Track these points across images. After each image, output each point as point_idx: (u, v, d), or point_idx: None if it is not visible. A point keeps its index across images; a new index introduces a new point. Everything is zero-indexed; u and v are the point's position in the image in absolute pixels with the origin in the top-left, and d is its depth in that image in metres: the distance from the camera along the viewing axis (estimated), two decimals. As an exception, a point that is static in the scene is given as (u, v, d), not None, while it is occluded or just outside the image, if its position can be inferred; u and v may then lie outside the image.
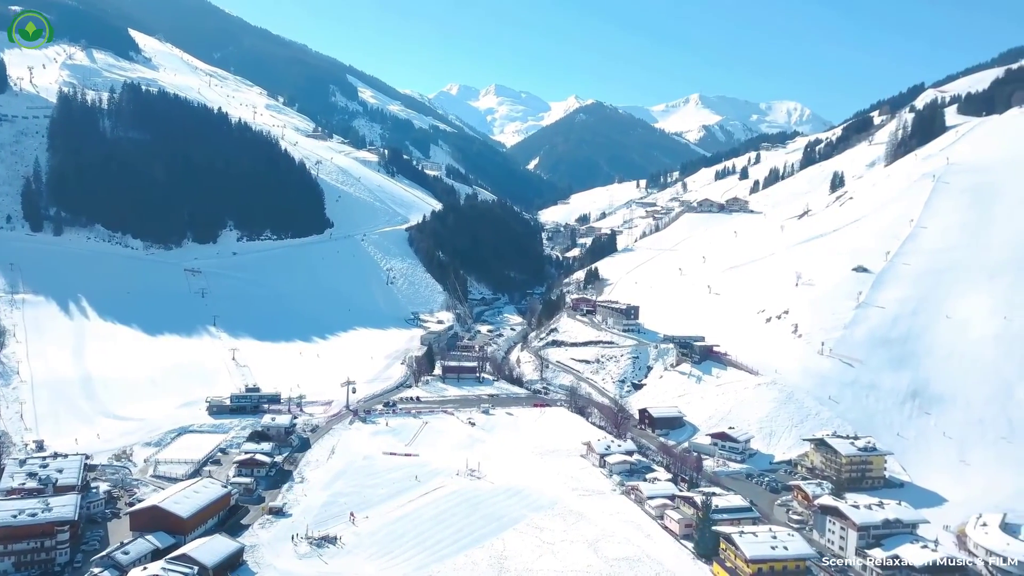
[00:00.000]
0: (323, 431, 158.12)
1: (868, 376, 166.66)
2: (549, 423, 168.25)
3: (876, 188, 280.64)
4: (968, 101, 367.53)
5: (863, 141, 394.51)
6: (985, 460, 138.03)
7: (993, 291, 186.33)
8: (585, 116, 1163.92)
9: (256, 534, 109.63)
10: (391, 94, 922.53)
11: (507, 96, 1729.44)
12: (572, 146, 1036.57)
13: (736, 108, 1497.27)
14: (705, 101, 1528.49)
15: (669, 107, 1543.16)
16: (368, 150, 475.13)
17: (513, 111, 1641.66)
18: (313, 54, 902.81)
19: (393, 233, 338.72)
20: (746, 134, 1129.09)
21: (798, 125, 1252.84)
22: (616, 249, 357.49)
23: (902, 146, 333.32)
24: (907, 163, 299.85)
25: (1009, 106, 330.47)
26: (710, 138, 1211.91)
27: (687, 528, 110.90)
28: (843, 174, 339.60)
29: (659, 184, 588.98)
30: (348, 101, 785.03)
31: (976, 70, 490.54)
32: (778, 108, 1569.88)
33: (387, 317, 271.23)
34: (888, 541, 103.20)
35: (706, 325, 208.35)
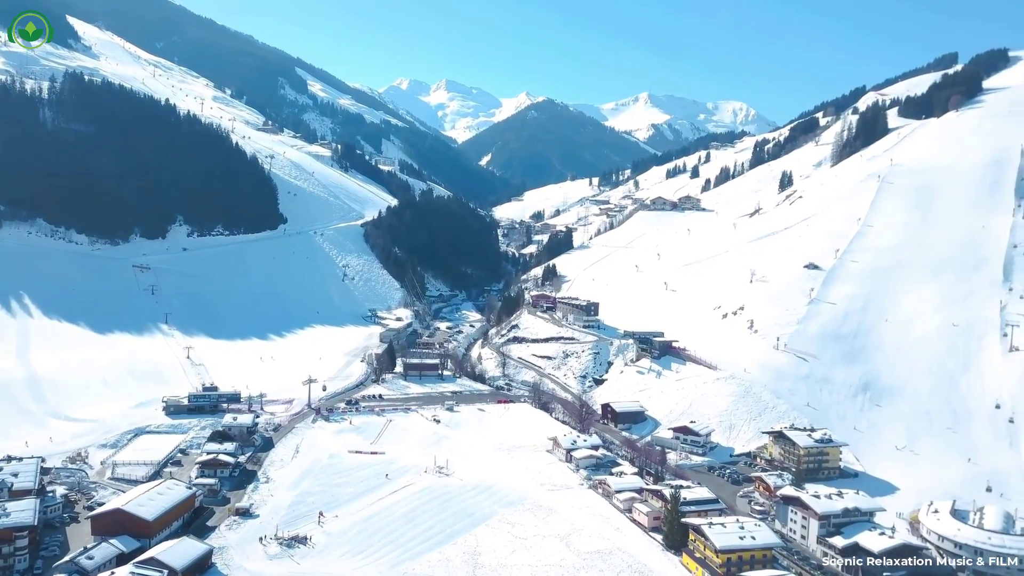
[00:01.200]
0: (286, 430, 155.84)
1: (822, 370, 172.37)
2: (514, 419, 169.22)
3: (825, 188, 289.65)
4: (908, 104, 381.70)
5: (810, 142, 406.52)
6: (933, 450, 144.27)
7: (936, 288, 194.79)
8: (537, 113, 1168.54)
9: (224, 536, 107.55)
10: (341, 88, 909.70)
11: (458, 92, 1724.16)
12: (524, 143, 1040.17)
13: (684, 107, 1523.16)
14: (654, 100, 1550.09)
15: (619, 105, 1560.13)
16: (320, 144, 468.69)
17: (464, 107, 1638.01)
18: (260, 46, 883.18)
19: (348, 229, 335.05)
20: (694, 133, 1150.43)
21: (744, 125, 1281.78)
22: (572, 246, 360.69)
23: (847, 147, 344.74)
24: (853, 163, 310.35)
25: (946, 110, 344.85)
26: (659, 137, 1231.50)
27: (655, 521, 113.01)
28: (791, 173, 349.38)
29: (612, 182, 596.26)
30: (298, 94, 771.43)
31: (913, 74, 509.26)
32: (724, 108, 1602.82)
33: (344, 314, 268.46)
34: (847, 529, 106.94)
35: (664, 321, 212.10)
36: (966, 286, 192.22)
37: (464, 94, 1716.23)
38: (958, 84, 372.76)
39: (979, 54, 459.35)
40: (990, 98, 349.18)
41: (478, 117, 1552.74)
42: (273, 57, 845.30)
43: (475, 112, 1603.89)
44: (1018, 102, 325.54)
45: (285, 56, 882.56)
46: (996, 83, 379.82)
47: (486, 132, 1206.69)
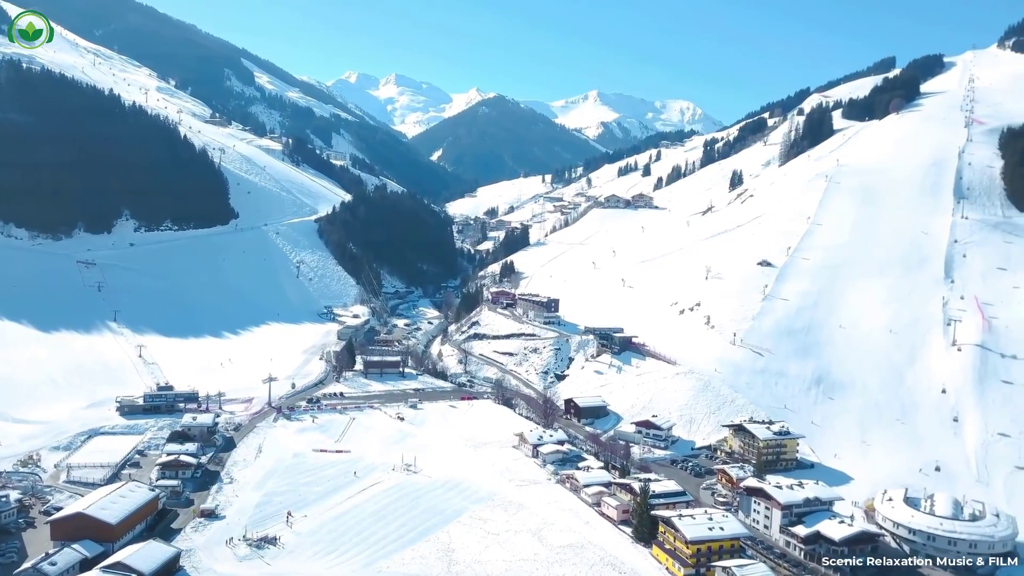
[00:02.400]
0: (247, 429, 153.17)
1: (777, 364, 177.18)
2: (478, 415, 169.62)
3: (775, 187, 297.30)
4: (850, 106, 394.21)
5: (758, 142, 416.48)
6: (883, 440, 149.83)
7: (883, 285, 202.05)
8: (488, 109, 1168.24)
9: (190, 538, 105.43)
10: (289, 80, 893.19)
11: (408, 86, 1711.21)
12: (475, 139, 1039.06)
13: (633, 106, 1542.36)
14: (603, 98, 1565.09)
15: (569, 103, 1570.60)
16: (270, 138, 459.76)
17: (414, 101, 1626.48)
18: (204, 35, 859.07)
19: (302, 224, 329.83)
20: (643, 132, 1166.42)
21: (691, 124, 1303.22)
22: (529, 243, 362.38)
23: (795, 147, 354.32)
24: (800, 163, 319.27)
25: (887, 112, 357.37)
26: (608, 135, 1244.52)
27: (624, 514, 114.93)
28: (742, 173, 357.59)
29: (564, 179, 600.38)
30: (244, 86, 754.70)
31: (854, 77, 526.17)
32: (672, 107, 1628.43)
33: (299, 311, 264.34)
34: (809, 518, 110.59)
35: (622, 317, 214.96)
36: (910, 283, 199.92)
37: (414, 88, 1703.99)
38: (898, 88, 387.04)
39: (916, 59, 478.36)
40: (928, 102, 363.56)
41: (428, 112, 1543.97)
42: (218, 47, 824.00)
43: (425, 107, 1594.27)
44: (953, 107, 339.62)
45: (230, 47, 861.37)
46: (932, 87, 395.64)
47: (437, 127, 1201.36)
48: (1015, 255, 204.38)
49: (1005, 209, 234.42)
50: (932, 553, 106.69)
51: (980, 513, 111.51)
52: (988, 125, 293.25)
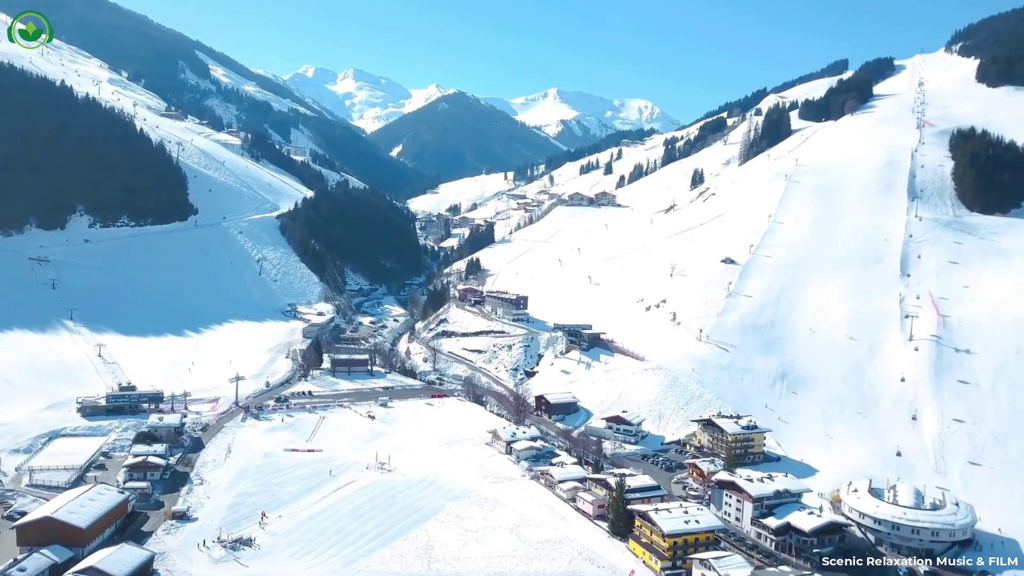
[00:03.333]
0: (215, 430, 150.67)
1: (742, 360, 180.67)
2: (449, 413, 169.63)
3: (736, 186, 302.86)
4: (807, 107, 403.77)
5: (718, 141, 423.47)
6: (845, 433, 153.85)
7: (842, 281, 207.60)
8: (448, 105, 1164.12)
9: (163, 541, 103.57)
10: (245, 74, 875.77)
11: (366, 81, 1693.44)
12: (436, 135, 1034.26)
13: (592, 104, 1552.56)
14: (563, 96, 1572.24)
15: (529, 100, 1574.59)
16: (229, 133, 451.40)
17: (373, 97, 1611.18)
18: (156, 26, 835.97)
19: (263, 221, 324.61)
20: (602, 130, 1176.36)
21: (649, 123, 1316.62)
22: (494, 240, 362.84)
23: (754, 146, 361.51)
24: (760, 163, 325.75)
25: (842, 113, 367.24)
26: (568, 133, 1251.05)
27: (600, 509, 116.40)
28: (703, 171, 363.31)
29: (526, 177, 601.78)
30: (199, 79, 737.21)
31: (809, 79, 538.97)
32: (631, 105, 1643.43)
33: (263, 309, 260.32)
34: (779, 510, 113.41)
35: (590, 314, 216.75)
36: (868, 280, 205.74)
37: (373, 84, 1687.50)
38: (852, 90, 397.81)
39: (868, 61, 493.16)
40: (880, 103, 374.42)
41: (387, 108, 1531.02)
42: (171, 39, 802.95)
43: (384, 102, 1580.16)
44: (905, 108, 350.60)
45: (183, 38, 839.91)
46: (884, 89, 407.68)
47: (396, 123, 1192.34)
48: (966, 254, 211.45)
49: (956, 209, 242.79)
50: (896, 541, 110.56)
51: (940, 502, 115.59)
52: (939, 127, 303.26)
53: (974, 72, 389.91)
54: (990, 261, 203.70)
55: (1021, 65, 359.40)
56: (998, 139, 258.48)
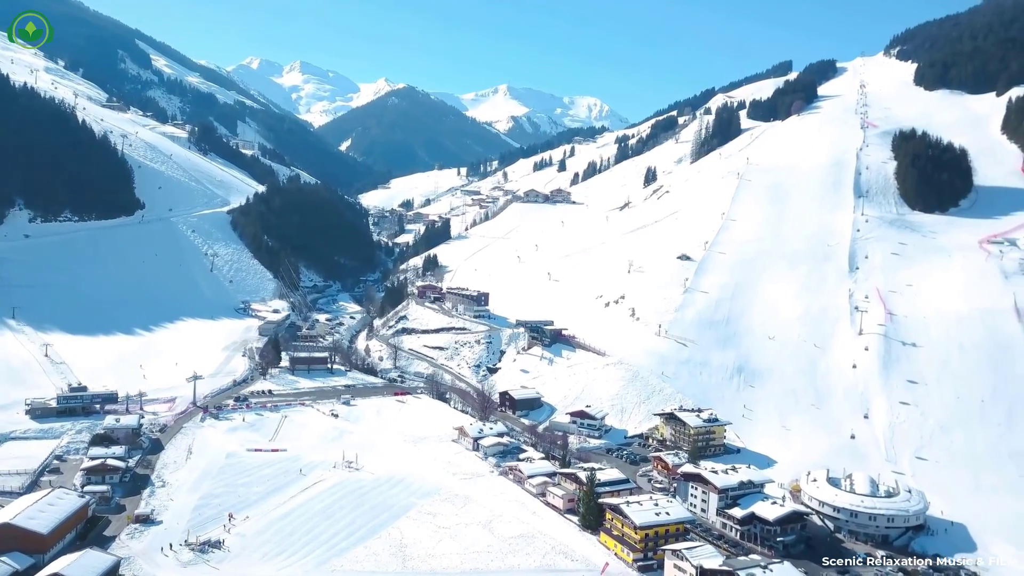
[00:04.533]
0: (173, 430, 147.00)
1: (700, 355, 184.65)
2: (413, 411, 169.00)
3: (689, 184, 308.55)
4: (755, 107, 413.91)
5: (670, 139, 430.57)
6: (801, 425, 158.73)
7: (794, 277, 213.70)
8: (398, 100, 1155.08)
9: (127, 545, 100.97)
10: (187, 64, 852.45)
11: (313, 74, 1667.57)
12: (386, 129, 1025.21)
13: (542, 101, 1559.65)
14: (513, 92, 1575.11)
15: (479, 96, 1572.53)
16: (175, 125, 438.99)
17: (320, 90, 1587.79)
18: (93, 14, 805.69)
19: (214, 216, 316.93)
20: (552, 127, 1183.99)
21: (598, 120, 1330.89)
22: (451, 236, 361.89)
23: (705, 145, 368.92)
24: (712, 161, 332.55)
25: (789, 114, 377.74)
26: (519, 129, 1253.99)
27: (570, 503, 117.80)
28: (655, 169, 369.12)
29: (480, 173, 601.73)
30: (141, 69, 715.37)
31: (755, 79, 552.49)
32: (580, 103, 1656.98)
33: (216, 307, 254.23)
34: (743, 500, 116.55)
35: (550, 310, 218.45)
36: (819, 276, 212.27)
37: (320, 77, 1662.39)
38: (798, 91, 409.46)
39: (811, 63, 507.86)
40: (825, 104, 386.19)
41: (335, 101, 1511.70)
42: (110, 27, 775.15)
43: (332, 96, 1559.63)
44: (848, 109, 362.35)
45: (122, 27, 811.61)
46: (828, 91, 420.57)
47: (345, 117, 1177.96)
48: (909, 251, 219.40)
49: (899, 207, 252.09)
50: (854, 528, 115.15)
51: (894, 490, 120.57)
52: (881, 128, 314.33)
53: (912, 76, 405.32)
54: (932, 258, 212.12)
55: (956, 70, 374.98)
56: (937, 141, 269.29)
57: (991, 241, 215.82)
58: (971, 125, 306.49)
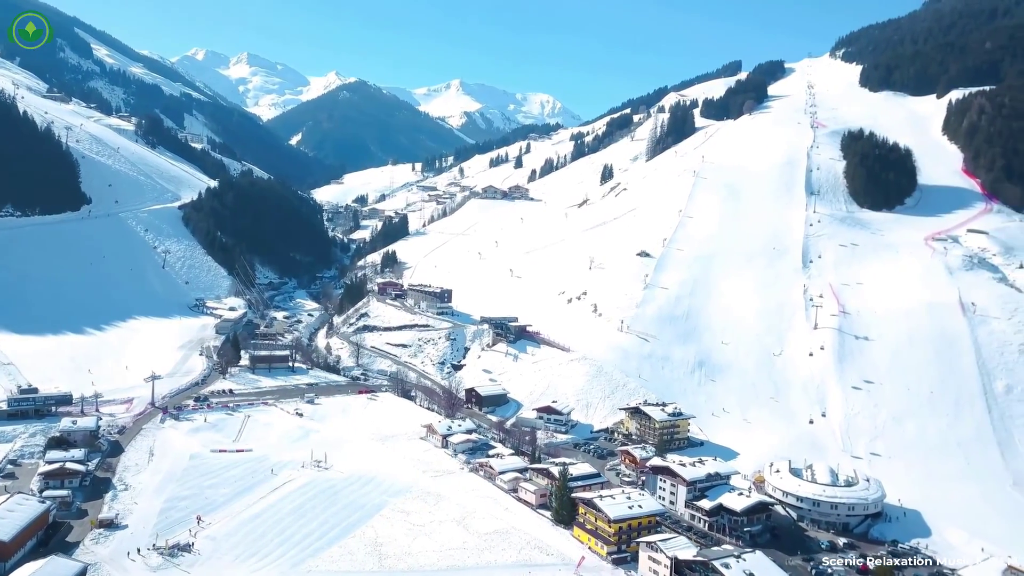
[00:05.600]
0: (133, 432, 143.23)
1: (662, 349, 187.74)
2: (379, 409, 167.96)
3: (646, 181, 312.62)
4: (707, 106, 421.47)
5: (626, 137, 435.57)
6: (761, 417, 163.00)
7: (751, 274, 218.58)
8: (349, 94, 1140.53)
9: (92, 551, 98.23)
10: (130, 55, 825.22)
11: (261, 67, 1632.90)
12: (337, 124, 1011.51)
13: (495, 97, 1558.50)
14: (466, 88, 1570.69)
15: (431, 91, 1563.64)
16: (120, 117, 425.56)
17: (269, 83, 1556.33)
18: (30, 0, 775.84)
19: (164, 211, 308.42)
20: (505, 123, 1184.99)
21: (551, 117, 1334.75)
22: (408, 232, 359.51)
23: (660, 143, 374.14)
24: (668, 159, 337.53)
25: (741, 113, 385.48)
26: (472, 125, 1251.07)
27: (542, 498, 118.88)
28: (612, 167, 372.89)
29: (435, 168, 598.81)
30: (81, 59, 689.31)
31: (706, 78, 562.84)
32: (533, 99, 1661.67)
33: (168, 304, 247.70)
34: (711, 492, 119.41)
35: (513, 306, 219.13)
36: (774, 272, 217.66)
37: (268, 69, 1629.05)
38: (749, 91, 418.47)
39: (760, 64, 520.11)
40: (775, 104, 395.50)
41: (284, 95, 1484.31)
42: (47, 14, 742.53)
43: (280, 89, 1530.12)
44: (798, 109, 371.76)
45: (60, 14, 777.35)
46: (777, 91, 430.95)
47: (295, 110, 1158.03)
48: (860, 247, 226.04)
49: (848, 205, 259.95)
50: (816, 517, 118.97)
51: (853, 479, 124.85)
52: (830, 128, 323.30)
53: (857, 77, 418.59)
54: (881, 255, 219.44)
55: (898, 73, 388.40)
56: (883, 141, 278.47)
57: (936, 238, 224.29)
58: (914, 126, 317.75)
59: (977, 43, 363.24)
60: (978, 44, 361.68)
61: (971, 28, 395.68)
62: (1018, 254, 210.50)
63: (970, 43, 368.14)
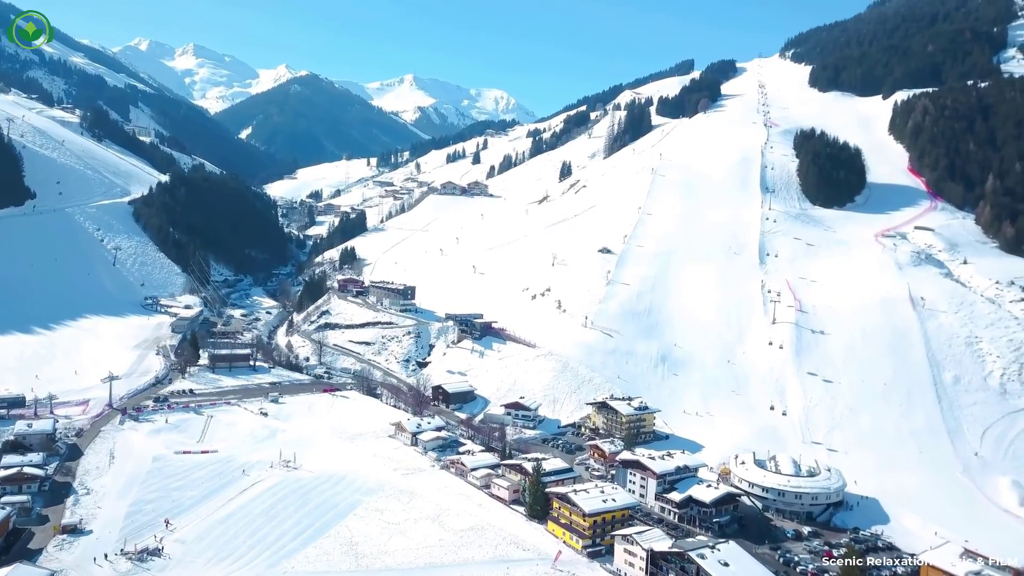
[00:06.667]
0: (91, 434, 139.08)
1: (625, 345, 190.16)
2: (345, 407, 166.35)
3: (605, 178, 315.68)
4: (663, 104, 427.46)
5: (583, 134, 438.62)
6: (723, 410, 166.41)
7: (710, 269, 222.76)
8: (300, 88, 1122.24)
9: (57, 558, 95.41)
10: (71, 44, 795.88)
11: (208, 58, 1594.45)
12: (289, 118, 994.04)
13: (449, 92, 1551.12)
14: (419, 83, 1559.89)
15: (384, 85, 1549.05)
16: (64, 109, 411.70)
17: (216, 75, 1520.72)
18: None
19: (114, 206, 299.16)
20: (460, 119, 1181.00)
21: (505, 113, 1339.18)
22: (367, 228, 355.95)
23: (618, 140, 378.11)
24: (625, 156, 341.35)
25: (696, 111, 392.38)
26: (426, 120, 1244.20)
27: (515, 494, 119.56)
28: (571, 164, 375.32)
29: (391, 164, 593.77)
30: (18, 47, 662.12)
31: (659, 76, 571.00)
32: (487, 95, 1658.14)
33: (121, 303, 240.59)
34: (680, 485, 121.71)
35: (477, 303, 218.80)
36: (733, 268, 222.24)
37: (216, 61, 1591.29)
38: (703, 89, 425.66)
39: (712, 63, 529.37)
40: (729, 103, 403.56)
41: (232, 87, 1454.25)
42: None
43: (228, 82, 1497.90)
44: (751, 108, 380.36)
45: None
46: (730, 90, 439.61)
47: (244, 104, 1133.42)
48: (814, 244, 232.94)
49: (802, 203, 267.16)
50: (781, 507, 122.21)
51: (815, 469, 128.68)
52: (782, 127, 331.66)
53: (807, 77, 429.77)
54: (834, 251, 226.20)
55: (846, 73, 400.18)
56: (834, 140, 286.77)
57: (885, 235, 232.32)
58: (862, 126, 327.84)
59: (920, 46, 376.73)
60: (921, 47, 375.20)
61: (914, 31, 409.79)
62: (962, 250, 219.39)
63: (913, 46, 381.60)
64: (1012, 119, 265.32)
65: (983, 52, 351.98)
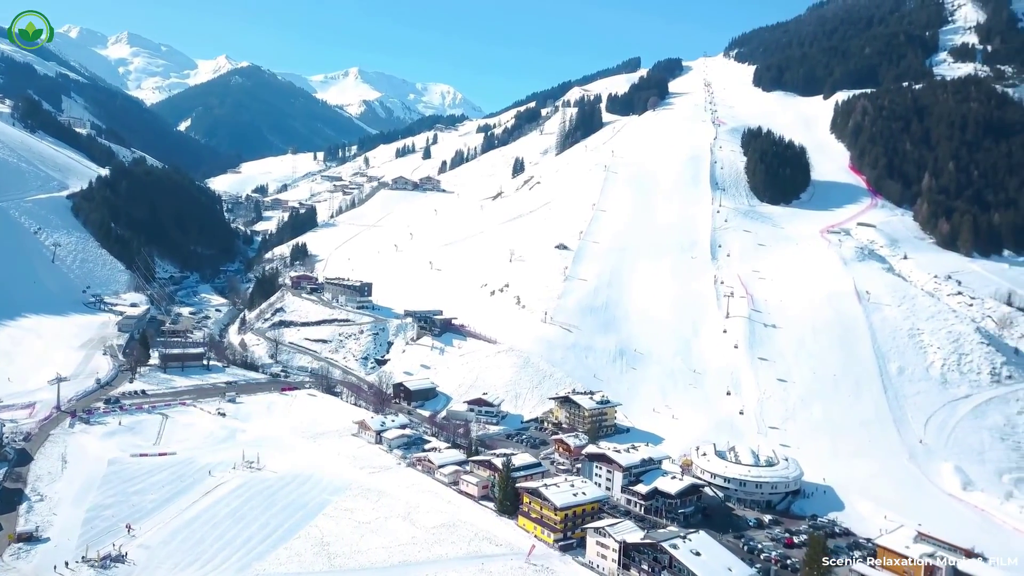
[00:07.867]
0: (40, 438, 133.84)
1: (584, 340, 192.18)
2: (304, 406, 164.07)
3: (559, 175, 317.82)
4: (612, 101, 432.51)
5: (535, 130, 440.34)
6: (681, 403, 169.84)
7: (664, 265, 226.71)
8: (242, 79, 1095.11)
9: (13, 567, 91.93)
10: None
11: (144, 47, 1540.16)
12: (230, 110, 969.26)
13: (395, 86, 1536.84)
14: (364, 76, 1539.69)
15: (328, 78, 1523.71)
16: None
17: (152, 65, 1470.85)
18: None
19: (51, 201, 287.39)
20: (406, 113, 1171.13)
21: (452, 108, 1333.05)
22: (317, 224, 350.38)
23: (569, 137, 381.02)
24: (578, 153, 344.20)
25: (645, 109, 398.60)
26: (371, 113, 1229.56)
27: (484, 490, 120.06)
28: (523, 160, 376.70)
29: (338, 158, 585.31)
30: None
31: (607, 74, 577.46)
32: (433, 90, 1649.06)
33: (62, 301, 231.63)
34: (646, 477, 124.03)
35: (435, 299, 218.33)
36: (687, 264, 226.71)
37: (151, 51, 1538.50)
38: (652, 87, 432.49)
39: (659, 61, 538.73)
40: (677, 101, 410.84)
41: (169, 78, 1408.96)
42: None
43: (165, 72, 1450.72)
44: (699, 106, 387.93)
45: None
46: (677, 88, 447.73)
47: (183, 95, 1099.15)
48: (762, 239, 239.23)
49: (750, 199, 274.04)
50: (742, 496, 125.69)
51: (774, 459, 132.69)
52: (729, 125, 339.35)
53: (751, 77, 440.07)
54: (783, 246, 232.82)
55: (789, 74, 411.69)
56: (780, 138, 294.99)
57: (830, 231, 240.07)
58: (804, 125, 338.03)
59: (857, 48, 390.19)
60: (858, 49, 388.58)
61: (852, 34, 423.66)
62: (902, 246, 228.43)
63: (851, 48, 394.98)
64: (945, 120, 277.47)
65: (916, 55, 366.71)
